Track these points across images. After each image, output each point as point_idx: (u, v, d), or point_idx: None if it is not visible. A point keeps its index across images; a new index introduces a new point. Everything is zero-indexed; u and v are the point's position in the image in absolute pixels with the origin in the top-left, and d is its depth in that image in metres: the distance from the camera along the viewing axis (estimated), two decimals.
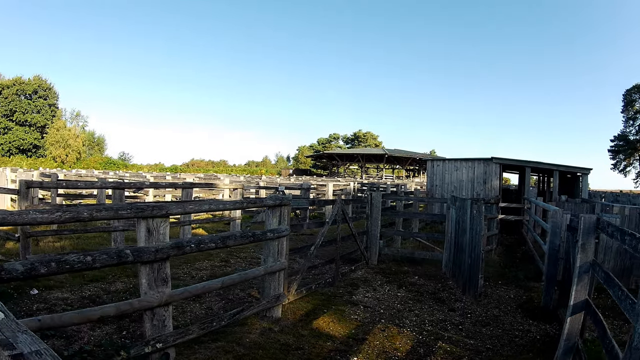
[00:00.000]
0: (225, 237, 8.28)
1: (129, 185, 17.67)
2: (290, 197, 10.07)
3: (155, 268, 6.69)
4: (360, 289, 12.40)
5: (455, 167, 26.24)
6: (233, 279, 8.74)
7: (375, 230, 15.64)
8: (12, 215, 5.40)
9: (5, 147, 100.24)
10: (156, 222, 6.81)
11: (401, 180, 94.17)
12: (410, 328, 9.50)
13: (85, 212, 6.19)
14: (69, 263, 5.51)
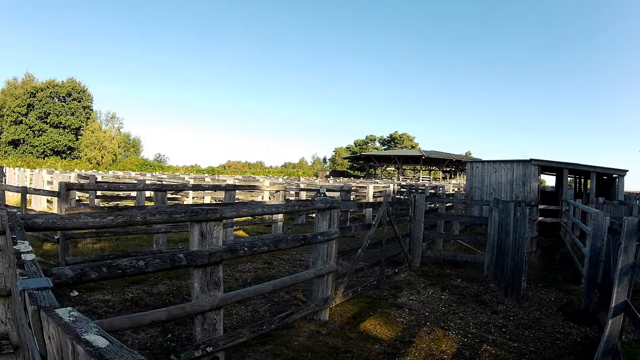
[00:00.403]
0: (277, 241, 8.39)
1: (172, 187, 17.51)
2: (340, 200, 10.05)
3: (208, 272, 6.72)
4: (404, 291, 12.40)
5: (494, 168, 25.98)
6: (284, 281, 8.80)
7: (418, 233, 15.58)
8: (63, 220, 5.40)
9: (40, 149, 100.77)
10: (210, 226, 6.84)
11: (438, 182, 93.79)
12: (455, 331, 9.50)
13: (139, 216, 6.23)
14: (120, 268, 5.53)
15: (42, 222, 5.19)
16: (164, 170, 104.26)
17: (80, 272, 5.11)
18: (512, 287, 12.03)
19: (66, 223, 5.45)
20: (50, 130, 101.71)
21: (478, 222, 21.88)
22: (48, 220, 5.26)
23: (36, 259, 2.90)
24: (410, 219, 15.86)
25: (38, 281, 2.34)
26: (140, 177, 40.92)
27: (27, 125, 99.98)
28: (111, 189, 19.87)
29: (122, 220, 6.01)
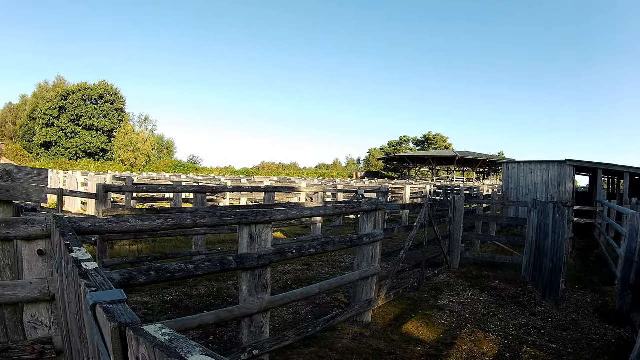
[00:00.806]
0: (324, 243, 8.35)
1: (211, 189, 17.38)
2: (384, 202, 10.01)
3: (257, 275, 6.70)
4: (445, 293, 12.34)
5: (530, 169, 25.74)
6: (330, 284, 8.76)
7: (458, 234, 15.42)
8: (110, 223, 5.32)
9: (72, 151, 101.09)
10: (259, 228, 6.82)
11: (472, 182, 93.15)
12: (495, 333, 9.47)
13: (189, 219, 6.16)
14: (169, 271, 5.52)
15: (89, 226, 5.11)
16: (198, 171, 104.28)
17: (127, 277, 5.11)
18: (551, 288, 11.92)
19: (114, 226, 5.36)
20: (83, 133, 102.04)
21: (514, 224, 21.94)
22: (95, 224, 5.18)
23: (99, 268, 2.80)
24: (449, 221, 15.71)
25: (111, 294, 2.18)
26: (175, 179, 40.64)
27: (59, 127, 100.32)
28: (150, 190, 19.79)
29: (173, 224, 5.94)
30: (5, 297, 4.69)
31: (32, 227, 4.77)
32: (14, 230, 4.75)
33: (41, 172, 5.55)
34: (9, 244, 4.89)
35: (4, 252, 4.88)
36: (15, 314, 4.91)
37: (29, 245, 4.79)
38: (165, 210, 16.88)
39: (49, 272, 4.87)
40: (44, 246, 4.82)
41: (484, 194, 40.56)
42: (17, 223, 4.79)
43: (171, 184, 26.30)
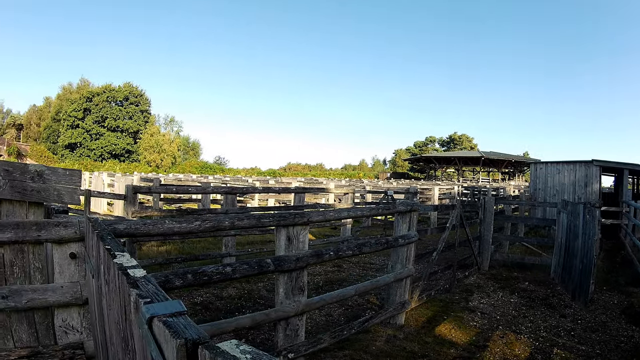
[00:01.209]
0: (361, 245, 8.29)
1: (241, 190, 17.05)
2: (417, 203, 9.93)
3: (294, 277, 6.64)
4: (475, 295, 12.29)
5: (557, 169, 25.41)
6: (366, 286, 8.70)
7: (488, 236, 15.35)
8: (146, 225, 5.21)
9: (97, 152, 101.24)
10: (296, 230, 6.76)
11: (497, 183, 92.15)
12: (526, 334, 9.40)
13: (227, 221, 6.06)
14: (206, 274, 5.42)
15: (124, 228, 5.01)
16: (225, 172, 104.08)
17: (163, 280, 5.01)
18: (580, 290, 11.84)
19: (150, 229, 5.32)
20: (108, 134, 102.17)
21: (542, 225, 21.87)
22: (130, 226, 5.09)
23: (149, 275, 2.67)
24: (480, 222, 15.63)
25: (168, 305, 1.94)
26: (203, 180, 40.40)
27: (83, 129, 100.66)
28: (180, 192, 19.54)
29: (210, 226, 5.84)
30: (35, 301, 4.67)
31: (64, 230, 4.76)
32: (45, 232, 4.73)
33: (74, 173, 5.52)
34: (40, 247, 4.86)
35: (34, 255, 4.86)
36: (46, 318, 4.87)
37: (61, 248, 4.78)
38: (195, 212, 16.79)
39: (81, 276, 4.85)
40: (76, 249, 4.81)
41: (510, 194, 40.43)
42: (48, 225, 4.77)
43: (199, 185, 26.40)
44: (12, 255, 4.79)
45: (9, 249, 4.76)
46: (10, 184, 5.11)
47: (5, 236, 4.65)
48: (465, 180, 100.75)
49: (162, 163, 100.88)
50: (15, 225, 4.78)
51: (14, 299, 4.63)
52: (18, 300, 4.65)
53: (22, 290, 4.72)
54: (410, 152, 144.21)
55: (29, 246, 4.81)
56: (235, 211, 14.72)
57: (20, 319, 4.79)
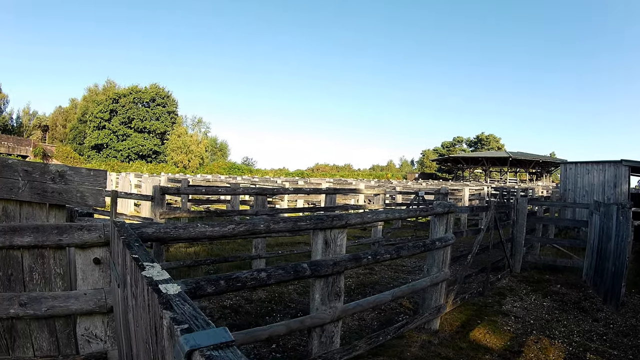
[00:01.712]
0: (399, 248, 8.13)
1: (272, 191, 16.90)
2: (454, 204, 9.79)
3: (330, 282, 6.43)
4: (508, 298, 12.15)
5: (587, 170, 25.11)
6: (403, 290, 8.52)
7: (520, 237, 15.18)
8: (177, 229, 5.01)
9: (124, 153, 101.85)
10: (334, 233, 6.58)
11: (525, 183, 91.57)
12: (560, 339, 9.25)
13: (262, 224, 5.85)
14: (240, 280, 5.19)
15: (152, 232, 4.80)
16: (253, 173, 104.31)
17: (194, 287, 4.69)
18: (612, 293, 11.64)
19: (180, 233, 5.10)
20: (135, 135, 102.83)
21: (572, 226, 21.74)
22: (159, 230, 4.90)
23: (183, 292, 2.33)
24: (512, 223, 15.48)
25: (212, 334, 1.56)
26: (232, 180, 40.33)
27: (110, 130, 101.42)
28: (209, 193, 19.04)
29: (245, 229, 5.64)
30: (55, 309, 4.51)
31: (87, 234, 4.58)
32: (67, 237, 4.55)
33: (98, 173, 5.31)
34: (61, 252, 4.70)
35: (56, 261, 4.70)
36: (68, 326, 4.71)
37: (84, 254, 4.61)
38: (224, 213, 16.81)
39: (106, 282, 4.67)
40: (100, 254, 4.64)
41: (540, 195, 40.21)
42: (70, 229, 4.59)
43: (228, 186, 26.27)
44: (31, 260, 4.62)
45: (28, 253, 4.59)
46: (30, 185, 4.92)
47: (24, 240, 4.48)
48: (492, 181, 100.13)
49: (190, 164, 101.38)
50: (35, 228, 4.59)
51: (33, 306, 4.48)
52: (37, 307, 4.49)
53: (41, 297, 4.56)
54: (438, 152, 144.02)
55: (50, 251, 4.65)
56: (265, 212, 14.60)
57: (41, 327, 4.64)
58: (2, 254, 4.54)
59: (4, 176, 4.80)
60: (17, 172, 4.86)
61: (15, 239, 4.45)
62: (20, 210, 4.94)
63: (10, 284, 4.60)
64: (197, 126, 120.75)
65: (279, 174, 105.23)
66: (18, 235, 4.44)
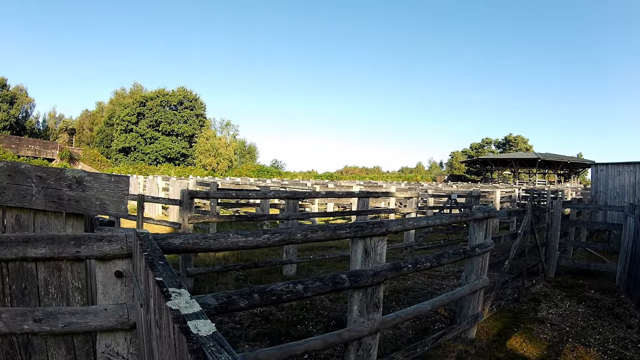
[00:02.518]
0: (439, 256, 7.86)
1: (304, 194, 16.40)
2: (494, 209, 9.57)
3: (369, 293, 6.16)
4: (543, 304, 11.92)
5: (618, 171, 24.62)
6: (442, 300, 8.28)
7: (555, 241, 14.89)
8: (207, 240, 4.68)
9: (152, 156, 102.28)
10: (374, 242, 6.30)
11: (553, 185, 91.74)
12: (595, 347, 9.08)
13: (299, 234, 5.56)
14: (275, 294, 4.84)
15: (180, 244, 4.52)
16: (282, 176, 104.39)
17: (226, 301, 4.34)
18: None
19: (211, 244, 4.72)
20: (163, 138, 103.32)
21: (604, 229, 21.38)
22: (188, 241, 4.59)
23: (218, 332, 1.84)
24: (547, 227, 15.15)
25: None
26: (261, 184, 39.64)
27: (137, 133, 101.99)
28: (240, 197, 19.10)
29: (280, 239, 5.32)
30: (73, 325, 4.21)
31: (108, 245, 4.23)
32: (86, 248, 4.21)
33: (120, 179, 4.92)
34: (79, 264, 4.40)
35: (73, 274, 4.40)
36: (87, 343, 4.42)
37: (105, 266, 4.28)
38: (254, 217, 16.47)
39: (128, 297, 4.34)
40: (122, 267, 4.30)
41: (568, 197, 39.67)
42: (89, 240, 4.23)
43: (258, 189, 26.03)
44: (46, 273, 4.33)
45: (43, 266, 4.30)
46: (44, 193, 4.62)
47: (38, 252, 4.16)
48: (521, 183, 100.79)
49: (218, 167, 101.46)
50: (50, 239, 4.21)
51: (49, 322, 4.19)
52: (53, 324, 4.20)
53: (58, 313, 4.26)
54: (467, 154, 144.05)
55: (67, 263, 4.35)
56: (296, 216, 14.40)
57: (58, 344, 4.37)
58: (15, 266, 4.25)
59: (16, 182, 4.54)
60: (30, 178, 4.58)
61: (29, 251, 4.15)
62: (34, 220, 4.67)
63: (24, 298, 4.33)
64: (225, 129, 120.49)
65: (308, 177, 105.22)
66: (32, 247, 4.14)
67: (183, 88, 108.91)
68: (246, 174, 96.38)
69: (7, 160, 6.34)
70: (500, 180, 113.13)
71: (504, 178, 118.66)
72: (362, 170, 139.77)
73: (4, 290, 4.28)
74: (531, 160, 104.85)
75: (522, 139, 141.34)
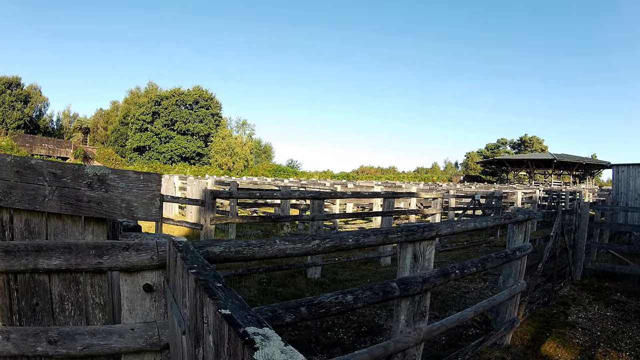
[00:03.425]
0: (484, 260, 7.56)
1: (330, 195, 16.08)
2: (534, 211, 9.15)
3: (417, 301, 5.75)
4: (572, 308, 11.75)
5: (638, 172, 24.15)
6: (484, 306, 7.97)
7: (582, 244, 14.67)
8: (251, 247, 4.08)
9: (167, 156, 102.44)
10: (423, 246, 5.91)
11: (569, 186, 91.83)
12: (627, 352, 8.98)
13: (350, 239, 5.07)
14: (324, 306, 4.43)
15: (220, 252, 3.90)
16: (298, 175, 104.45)
17: (271, 316, 3.95)
18: None
19: (255, 252, 4.13)
20: (178, 137, 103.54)
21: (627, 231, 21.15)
22: (230, 249, 3.97)
23: None
24: (574, 229, 14.91)
25: None
26: (280, 183, 39.36)
27: (152, 132, 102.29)
28: (264, 197, 18.26)
29: (331, 245, 4.85)
30: (94, 347, 3.61)
31: (136, 255, 3.61)
32: (109, 258, 3.63)
33: (150, 177, 4.11)
34: (101, 277, 3.78)
35: (93, 288, 3.77)
36: None
37: (131, 279, 3.65)
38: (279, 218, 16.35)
39: (159, 314, 3.71)
40: (152, 279, 3.67)
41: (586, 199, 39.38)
42: (112, 249, 3.65)
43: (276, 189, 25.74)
44: (62, 288, 3.71)
45: (58, 279, 3.68)
46: (59, 193, 3.86)
47: (51, 263, 3.58)
48: (537, 184, 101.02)
49: (234, 166, 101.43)
50: (66, 248, 3.60)
51: (65, 344, 3.59)
52: (71, 346, 3.60)
53: (76, 333, 3.65)
54: (482, 154, 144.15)
55: (86, 276, 3.73)
56: (321, 217, 14.10)
57: None
58: (25, 279, 3.65)
59: (26, 181, 3.79)
60: (43, 175, 3.83)
61: (41, 261, 3.53)
62: (47, 225, 3.91)
63: (35, 316, 3.73)
64: (241, 128, 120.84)
65: (324, 177, 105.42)
66: (44, 257, 3.53)
67: (199, 87, 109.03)
68: (262, 174, 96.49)
69: None
70: (516, 180, 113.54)
71: (520, 179, 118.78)
72: (378, 170, 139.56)
73: (11, 307, 3.70)
74: (547, 161, 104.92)
75: (537, 139, 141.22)
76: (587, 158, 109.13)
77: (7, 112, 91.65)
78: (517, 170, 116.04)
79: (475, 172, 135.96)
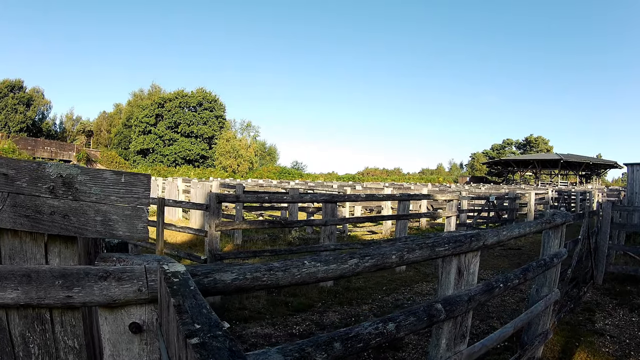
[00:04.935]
0: (524, 270, 6.96)
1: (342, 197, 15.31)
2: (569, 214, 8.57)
3: (459, 322, 4.99)
4: (597, 314, 11.42)
5: None
6: (522, 320, 7.35)
7: (604, 246, 14.30)
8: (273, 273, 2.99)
9: (171, 158, 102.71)
10: (468, 259, 5.19)
11: (575, 186, 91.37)
12: None
13: (394, 255, 4.15)
14: (362, 339, 3.48)
15: (232, 280, 2.81)
16: (303, 177, 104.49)
17: (297, 356, 2.88)
18: None
19: (279, 277, 3.04)
20: (182, 140, 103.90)
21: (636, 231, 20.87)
22: (245, 276, 2.87)
23: None
24: (597, 231, 14.46)
25: None
26: (286, 185, 38.88)
27: (156, 134, 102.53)
28: (273, 200, 17.58)
29: (372, 264, 3.90)
30: None
31: (117, 287, 2.51)
32: (81, 291, 2.57)
33: (135, 180, 2.99)
34: (73, 314, 2.78)
35: (64, 328, 2.77)
36: None
37: (113, 317, 2.54)
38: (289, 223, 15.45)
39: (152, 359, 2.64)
40: (141, 317, 2.56)
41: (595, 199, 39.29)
42: (85, 278, 2.59)
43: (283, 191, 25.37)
44: (23, 327, 2.69)
45: (18, 316, 2.67)
46: (12, 202, 2.80)
47: (6, 296, 2.49)
48: (543, 184, 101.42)
49: (239, 168, 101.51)
50: (25, 276, 2.55)
51: None
52: None
53: None
54: (488, 155, 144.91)
55: (54, 313, 2.73)
56: (335, 222, 13.61)
57: None
58: None
59: None
60: None
61: None
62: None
63: None
64: (246, 130, 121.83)
65: (329, 178, 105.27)
66: None
67: (202, 89, 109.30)
68: (267, 176, 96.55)
69: None
70: (522, 181, 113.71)
71: (525, 179, 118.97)
72: (383, 172, 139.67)
73: None
74: (553, 161, 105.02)
75: (542, 139, 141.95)
76: (594, 158, 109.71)
77: (9, 115, 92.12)
78: (523, 170, 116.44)
79: (481, 173, 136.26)
